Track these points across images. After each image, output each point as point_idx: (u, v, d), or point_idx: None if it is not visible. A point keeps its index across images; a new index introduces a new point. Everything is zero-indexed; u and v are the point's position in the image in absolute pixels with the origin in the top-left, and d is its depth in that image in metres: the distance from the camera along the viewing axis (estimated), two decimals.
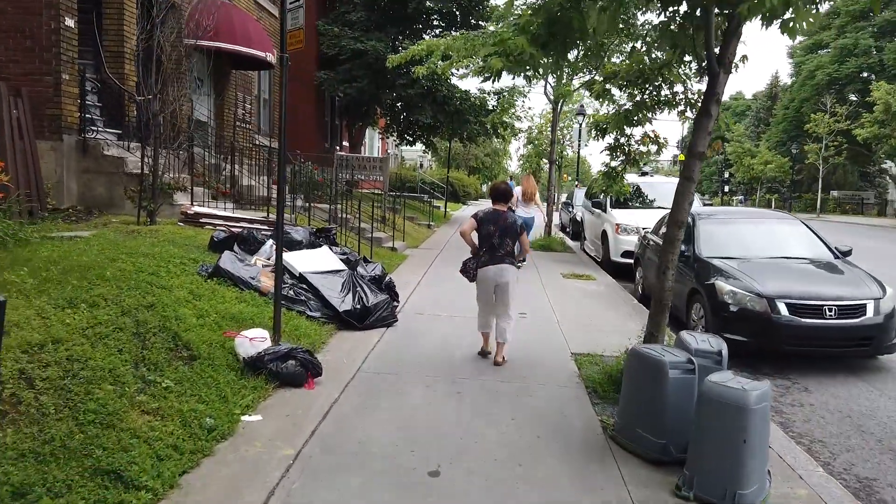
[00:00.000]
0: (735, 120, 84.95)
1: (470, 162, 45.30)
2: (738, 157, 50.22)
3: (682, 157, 66.21)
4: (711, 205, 13.86)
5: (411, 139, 22.38)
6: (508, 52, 4.04)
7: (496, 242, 5.72)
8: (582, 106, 28.52)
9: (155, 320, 4.88)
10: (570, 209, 20.39)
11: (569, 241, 15.93)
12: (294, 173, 14.32)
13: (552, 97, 14.79)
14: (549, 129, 36.76)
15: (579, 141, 29.21)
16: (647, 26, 5.34)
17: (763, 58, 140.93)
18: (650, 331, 4.92)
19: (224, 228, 8.20)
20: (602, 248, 12.69)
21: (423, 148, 24.67)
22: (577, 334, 6.94)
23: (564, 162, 38.04)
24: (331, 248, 8.12)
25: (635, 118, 5.56)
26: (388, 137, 23.40)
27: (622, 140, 5.93)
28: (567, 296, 9.19)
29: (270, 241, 7.55)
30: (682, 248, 8.02)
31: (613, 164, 6.14)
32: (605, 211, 12.78)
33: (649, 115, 5.60)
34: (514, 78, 14.11)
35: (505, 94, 15.48)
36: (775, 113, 54.10)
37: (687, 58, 5.28)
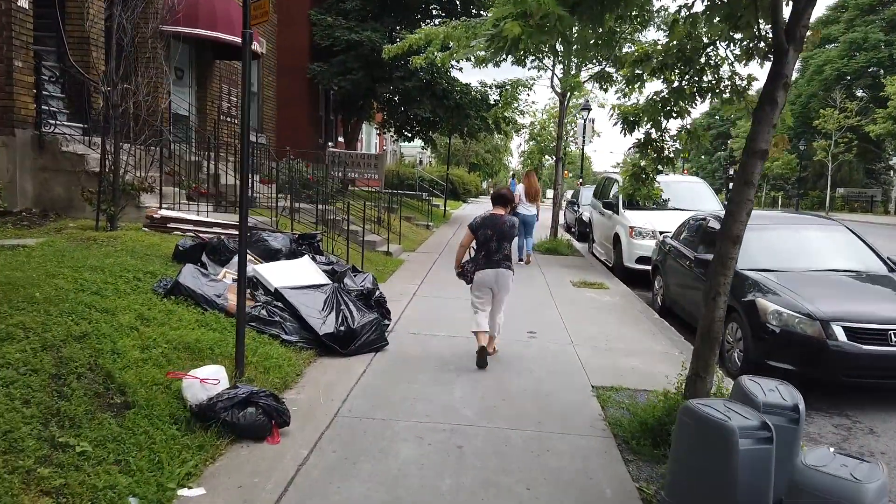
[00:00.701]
0: (741, 116, 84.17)
1: (470, 158, 44.32)
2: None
3: (685, 154, 65.60)
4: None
5: (409, 135, 21.41)
6: (530, 13, 3.09)
7: (494, 247, 5.72)
8: (587, 101, 27.59)
9: (84, 356, 3.95)
10: (576, 208, 19.44)
11: (576, 244, 14.99)
12: (281, 172, 13.39)
13: (559, 90, 13.82)
14: (554, 124, 35.79)
15: (584, 137, 28.31)
16: None
17: None
18: (696, 371, 3.98)
19: (194, 235, 7.26)
20: (614, 252, 11.74)
21: (423, 144, 23.71)
22: (595, 359, 6.00)
23: (568, 158, 37.08)
24: (314, 258, 7.18)
25: (673, 108, 4.62)
26: (385, 133, 22.45)
27: (655, 134, 4.98)
28: (579, 309, 8.25)
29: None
30: (702, 256, 7.09)
31: (643, 162, 5.19)
32: (616, 212, 11.83)
33: (688, 105, 4.65)
34: (516, 64, 13.08)
35: (508, 87, 14.53)
36: (781, 109, 52.99)
37: (737, 35, 4.34)
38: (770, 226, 7.49)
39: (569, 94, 13.90)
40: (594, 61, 13.37)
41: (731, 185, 57.36)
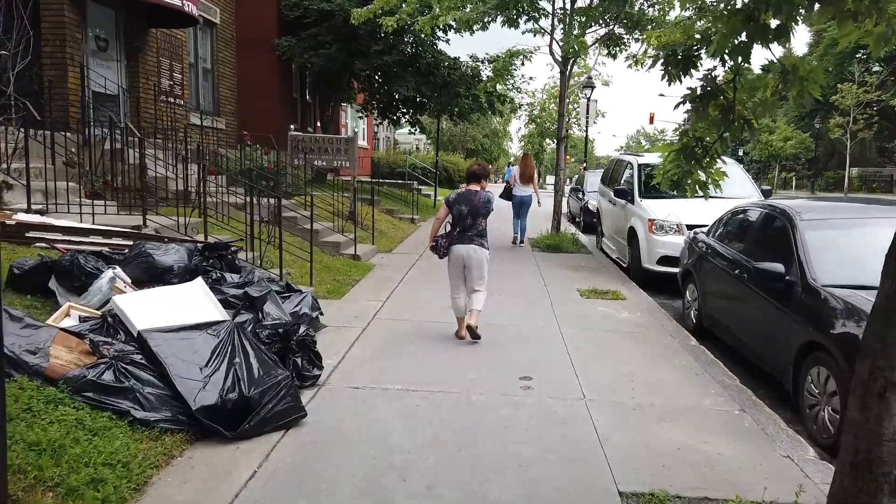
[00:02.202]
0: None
1: (467, 144, 42.11)
2: (755, 132, 46.88)
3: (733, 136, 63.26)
4: (771, 192, 10.61)
5: (394, 117, 19.31)
6: None
7: (468, 223, 5.70)
8: (590, 77, 25.41)
9: None
10: (581, 196, 17.36)
11: (582, 237, 12.93)
12: (237, 161, 11.38)
13: (559, 57, 11.73)
14: (554, 104, 33.57)
15: (587, 118, 26.15)
16: None
17: None
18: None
19: (63, 249, 5.27)
20: (629, 250, 9.70)
21: (410, 128, 21.62)
22: (620, 431, 3.99)
23: (570, 141, 34.94)
24: (220, 279, 5.17)
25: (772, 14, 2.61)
26: (364, 116, 20.37)
27: (723, 76, 2.96)
28: (591, 334, 6.24)
29: (110, 273, 4.59)
30: (765, 266, 5.08)
31: (699, 128, 3.16)
32: (631, 201, 9.77)
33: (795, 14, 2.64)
34: (508, 24, 11.00)
35: (501, 56, 12.44)
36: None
37: None
38: (854, 221, 5.46)
39: (571, 61, 11.80)
40: (600, 21, 11.29)
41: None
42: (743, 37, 2.65)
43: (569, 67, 11.88)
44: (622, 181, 10.68)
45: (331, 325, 6.05)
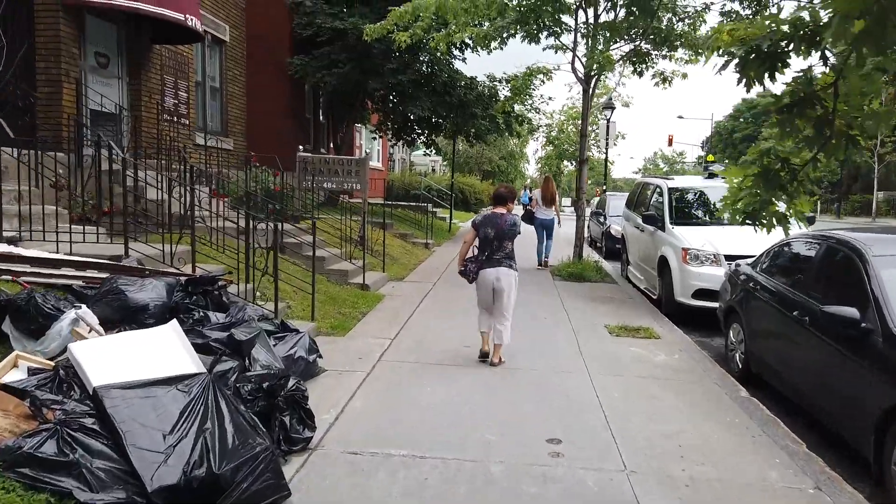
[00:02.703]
0: (765, 118, 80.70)
1: (483, 166, 41.59)
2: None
3: (710, 158, 62.12)
4: (814, 219, 9.56)
5: (408, 138, 18.80)
6: None
7: (496, 246, 5.70)
8: (610, 99, 24.82)
9: None
10: (602, 220, 16.63)
11: (605, 265, 12.19)
12: (245, 182, 10.85)
13: (582, 74, 11.11)
14: (573, 126, 32.99)
15: (607, 139, 25.53)
16: None
17: None
18: None
19: (26, 283, 4.67)
20: (660, 281, 8.96)
21: (427, 150, 21.11)
22: None
23: (589, 164, 34.28)
24: (202, 318, 4.53)
25: None
26: (378, 136, 19.89)
27: (826, 71, 2.30)
28: (625, 381, 5.51)
29: (72, 314, 3.98)
30: (835, 310, 4.33)
31: (786, 145, 2.48)
32: (661, 228, 9.05)
33: None
34: (528, 39, 10.41)
35: (520, 75, 11.82)
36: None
37: None
38: None
39: (594, 79, 11.17)
40: (626, 37, 10.67)
41: None
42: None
43: (591, 86, 11.25)
44: (650, 206, 9.97)
45: (331, 368, 5.38)
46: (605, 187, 26.43)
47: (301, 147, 11.47)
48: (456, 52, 17.02)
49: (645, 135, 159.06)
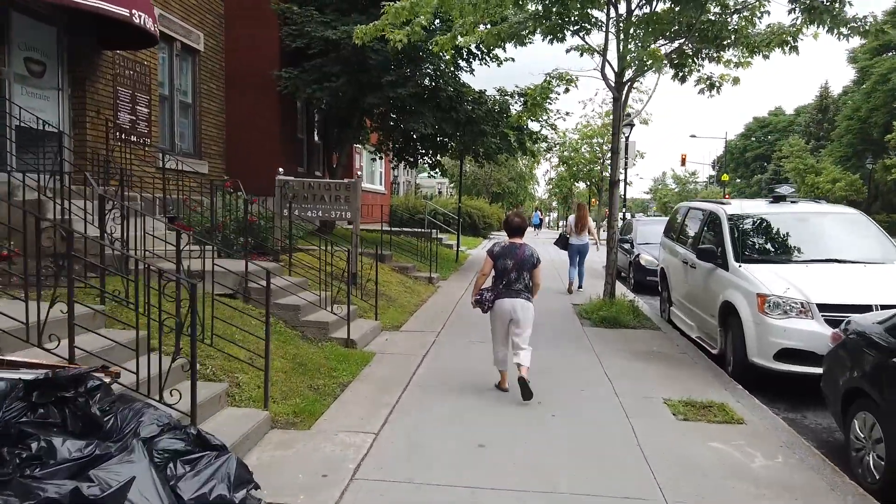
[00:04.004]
0: (777, 137, 78.97)
1: (492, 187, 39.88)
2: (799, 174, 44.03)
3: (725, 178, 60.14)
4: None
5: (411, 159, 17.10)
6: None
7: (513, 277, 5.61)
8: (628, 115, 23.11)
9: None
10: (629, 248, 14.77)
11: (642, 305, 10.29)
12: (219, 210, 9.13)
13: (613, 80, 9.36)
14: (587, 146, 31.26)
15: (626, 159, 23.75)
16: None
17: (802, 70, 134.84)
18: None
19: None
20: (723, 334, 7.09)
21: (432, 171, 19.41)
22: None
23: (604, 186, 32.41)
24: (48, 448, 2.71)
25: None
26: (378, 157, 18.24)
27: None
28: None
29: None
30: None
31: None
32: (724, 266, 7.18)
33: None
34: (550, 36, 8.69)
35: (539, 85, 10.06)
36: (837, 125, 47.92)
37: None
38: None
39: (627, 86, 9.41)
40: (668, 34, 8.92)
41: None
42: None
43: (623, 93, 9.48)
44: (702, 237, 8.12)
45: (277, 499, 3.55)
46: (624, 210, 24.57)
47: (280, 170, 9.72)
48: (462, 64, 15.42)
49: (654, 154, 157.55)
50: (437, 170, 18.19)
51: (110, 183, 8.31)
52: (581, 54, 9.25)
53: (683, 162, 58.06)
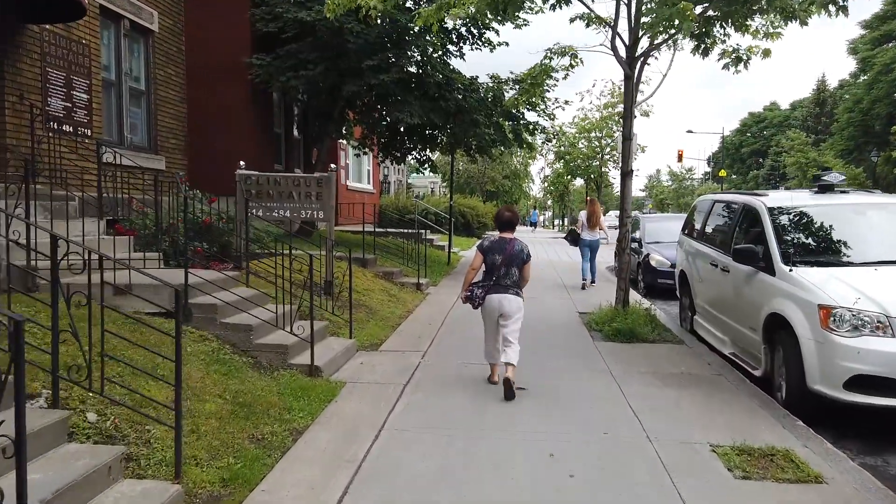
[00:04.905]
0: (773, 132, 78.07)
1: (486, 186, 38.56)
2: (801, 168, 42.91)
3: (723, 173, 59.20)
4: None
5: (397, 154, 15.81)
6: None
7: (503, 272, 5.61)
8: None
9: None
10: (637, 248, 13.49)
11: (658, 313, 9.00)
12: (174, 210, 7.86)
13: (625, 54, 8.10)
14: (584, 141, 30.07)
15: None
16: None
17: (796, 65, 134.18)
18: None
19: None
20: (769, 353, 5.82)
21: (421, 167, 18.11)
22: None
23: (603, 182, 31.22)
24: None
25: None
26: (362, 153, 16.95)
27: None
28: None
29: None
30: None
31: None
32: (769, 270, 5.91)
33: None
34: (555, 5, 7.44)
35: (538, 64, 8.77)
36: (837, 118, 46.87)
37: None
38: None
39: (640, 62, 8.16)
40: None
41: None
42: None
43: (637, 69, 8.23)
44: (737, 236, 6.85)
45: None
46: (645, 207, 23.31)
47: (241, 164, 8.42)
48: (452, 49, 14.14)
49: (648, 150, 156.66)
50: (427, 166, 16.89)
51: (37, 181, 7.02)
52: (587, 24, 8.01)
53: (680, 158, 56.96)
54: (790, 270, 5.61)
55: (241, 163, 8.48)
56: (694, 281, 8.19)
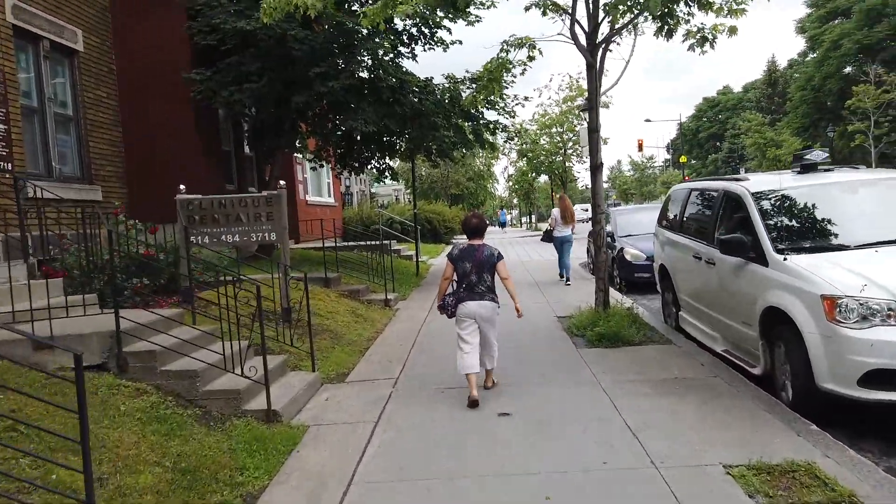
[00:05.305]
0: (728, 115, 79.30)
1: (450, 189, 38.03)
2: (760, 148, 43.39)
3: (683, 159, 59.63)
4: None
5: (356, 164, 15.17)
6: None
7: (474, 279, 5.53)
8: (587, 100, 21.58)
9: None
10: (610, 242, 13.05)
11: (641, 311, 8.53)
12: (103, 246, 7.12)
13: (585, 41, 7.65)
14: (546, 136, 29.74)
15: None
16: None
17: (745, 49, 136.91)
18: None
19: None
20: (767, 349, 5.37)
21: (381, 176, 17.47)
22: None
23: (568, 177, 30.94)
24: None
25: None
26: (318, 166, 16.25)
27: None
28: None
29: None
30: None
31: None
32: (760, 260, 5.45)
33: None
34: None
35: (494, 58, 8.27)
36: (790, 96, 47.63)
37: None
38: None
39: (602, 48, 7.72)
40: None
41: None
42: None
43: (599, 56, 7.77)
44: (720, 225, 6.41)
45: None
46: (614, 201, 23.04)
47: (181, 188, 7.72)
48: (403, 50, 13.57)
49: (610, 141, 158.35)
50: (388, 174, 16.28)
51: None
52: (543, 12, 7.52)
53: (641, 147, 57.41)
54: (784, 259, 5.16)
55: (182, 186, 7.78)
56: (676, 275, 7.74)
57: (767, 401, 5.11)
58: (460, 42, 13.86)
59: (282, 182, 8.33)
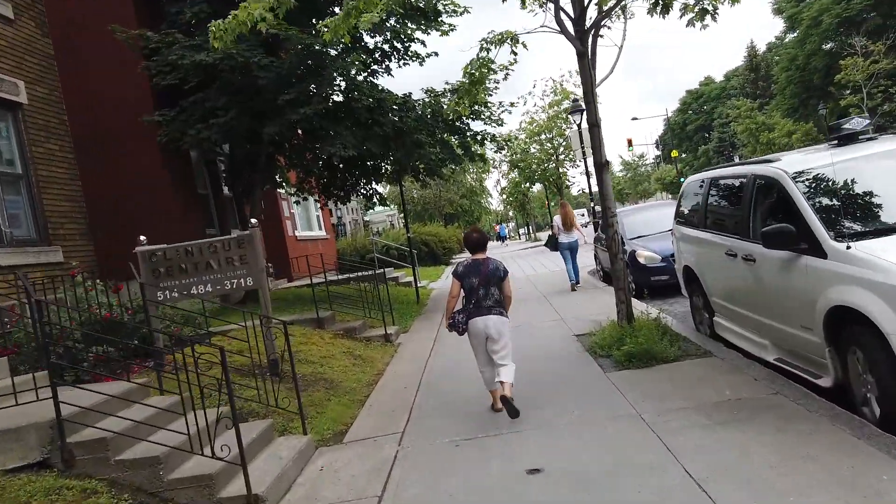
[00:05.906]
0: (714, 105, 78.92)
1: (444, 209, 37.22)
2: (752, 133, 42.74)
3: (675, 154, 59.05)
4: None
5: (340, 193, 14.37)
6: None
7: (482, 294, 5.46)
8: (576, 100, 20.94)
9: None
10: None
11: (669, 321, 7.64)
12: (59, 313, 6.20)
13: (572, 28, 6.86)
14: (537, 143, 29.02)
15: (581, 147, 21.56)
16: None
17: (722, 38, 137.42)
18: None
19: None
20: (836, 357, 4.48)
21: (369, 203, 16.64)
22: None
23: (563, 182, 30.18)
24: None
25: None
26: (301, 199, 15.46)
27: None
28: None
29: None
30: None
31: None
32: (815, 251, 4.59)
33: None
34: None
35: (474, 59, 7.47)
36: (775, 78, 47.13)
37: None
38: None
39: (592, 34, 6.92)
40: None
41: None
42: None
43: (590, 44, 6.98)
44: (757, 216, 5.56)
45: None
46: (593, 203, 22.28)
47: (142, 238, 6.86)
48: (378, 69, 12.83)
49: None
50: (376, 200, 15.46)
51: None
52: (522, 3, 6.74)
53: (630, 144, 56.93)
54: (847, 248, 4.29)
55: (142, 238, 6.92)
56: (706, 276, 6.87)
57: (850, 421, 4.22)
58: (436, 54, 13.16)
59: (253, 220, 7.48)
